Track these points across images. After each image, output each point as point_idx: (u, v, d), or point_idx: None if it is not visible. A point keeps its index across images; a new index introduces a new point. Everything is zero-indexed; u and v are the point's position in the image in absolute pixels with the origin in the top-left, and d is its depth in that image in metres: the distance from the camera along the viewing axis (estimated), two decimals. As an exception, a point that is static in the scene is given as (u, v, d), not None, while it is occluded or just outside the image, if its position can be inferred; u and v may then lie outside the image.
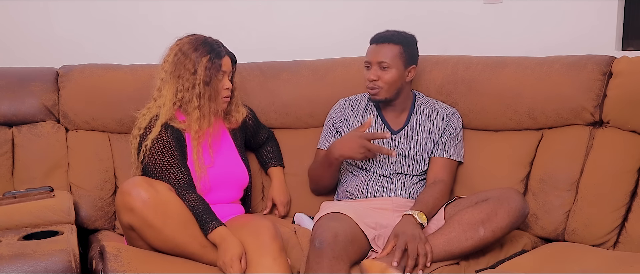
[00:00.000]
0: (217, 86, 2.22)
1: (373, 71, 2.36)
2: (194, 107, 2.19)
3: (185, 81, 2.19)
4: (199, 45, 2.22)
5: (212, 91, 2.20)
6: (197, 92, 2.19)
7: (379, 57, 2.35)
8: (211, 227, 2.06)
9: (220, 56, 2.22)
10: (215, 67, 2.20)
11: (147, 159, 2.17)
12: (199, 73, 2.18)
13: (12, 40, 2.88)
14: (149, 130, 2.19)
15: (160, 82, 2.24)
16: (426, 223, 2.16)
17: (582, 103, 2.32)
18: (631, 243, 2.15)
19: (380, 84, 2.36)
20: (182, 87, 2.19)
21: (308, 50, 2.87)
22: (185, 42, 2.23)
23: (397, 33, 2.39)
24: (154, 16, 3.00)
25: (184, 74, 2.19)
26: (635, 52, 2.45)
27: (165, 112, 2.20)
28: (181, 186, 2.14)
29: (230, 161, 2.35)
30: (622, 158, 2.22)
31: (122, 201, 2.04)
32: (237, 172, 2.35)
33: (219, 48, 2.24)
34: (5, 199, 2.20)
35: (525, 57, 2.48)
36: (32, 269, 1.87)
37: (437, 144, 2.42)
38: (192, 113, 2.20)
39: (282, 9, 3.13)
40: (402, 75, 2.37)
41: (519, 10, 2.80)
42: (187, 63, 2.19)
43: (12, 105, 2.50)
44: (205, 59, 2.19)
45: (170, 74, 2.21)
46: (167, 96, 2.21)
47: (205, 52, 2.20)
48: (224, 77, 2.24)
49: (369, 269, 2.02)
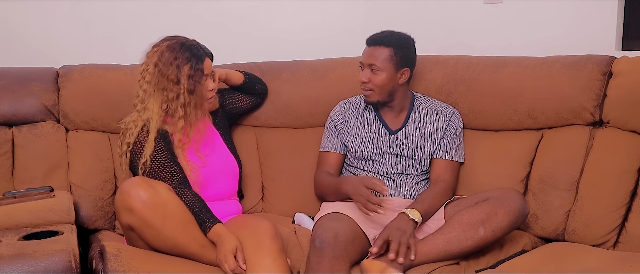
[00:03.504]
0: (201, 91, 2.21)
1: (364, 72, 2.36)
2: (179, 116, 2.18)
3: (169, 92, 2.17)
4: (178, 52, 2.17)
5: (197, 99, 2.19)
6: (182, 101, 2.17)
7: (369, 59, 2.34)
8: (209, 226, 2.07)
9: (201, 59, 2.19)
10: (198, 74, 2.18)
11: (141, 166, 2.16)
12: (182, 83, 2.16)
13: (13, 40, 2.89)
14: (140, 146, 2.17)
15: (142, 94, 2.21)
16: (420, 220, 2.16)
17: (582, 103, 2.32)
18: (631, 243, 2.15)
19: (370, 86, 2.36)
20: (167, 98, 2.17)
21: (308, 50, 2.87)
22: (164, 50, 2.19)
23: (391, 35, 2.37)
24: (154, 16, 3.00)
25: (167, 85, 2.16)
26: (635, 52, 2.45)
27: (154, 126, 2.17)
28: (176, 184, 2.14)
29: (220, 155, 2.36)
30: (622, 158, 2.22)
31: (121, 201, 2.04)
32: (228, 165, 2.36)
33: (199, 51, 2.20)
34: (5, 199, 2.21)
35: (525, 57, 2.48)
36: (32, 269, 1.87)
37: (439, 146, 2.42)
38: (178, 122, 2.18)
39: (282, 9, 3.13)
40: (392, 78, 2.36)
41: (519, 10, 2.80)
42: (169, 73, 2.16)
43: (12, 105, 2.50)
44: (186, 67, 2.16)
45: (154, 86, 2.18)
46: (154, 109, 2.18)
47: (185, 60, 2.16)
48: (206, 80, 2.23)
49: (369, 269, 2.03)
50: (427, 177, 2.44)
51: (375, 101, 2.39)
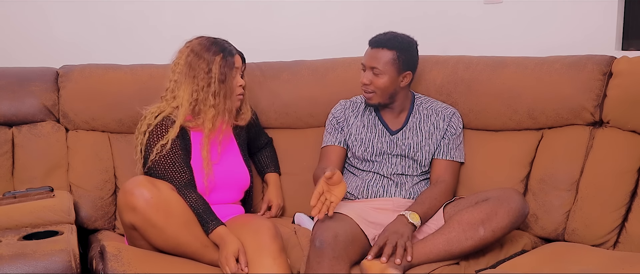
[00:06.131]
0: (231, 83, 2.24)
1: (366, 74, 2.35)
2: (209, 105, 2.20)
3: (200, 81, 2.20)
4: (211, 45, 2.24)
5: (227, 89, 2.22)
6: (213, 90, 2.20)
7: (372, 62, 2.33)
8: (211, 227, 2.07)
9: (232, 54, 2.25)
10: (229, 64, 2.22)
11: (154, 155, 2.17)
12: (213, 71, 2.20)
13: (13, 40, 2.89)
14: (163, 129, 2.19)
15: (172, 84, 2.24)
16: (419, 223, 2.16)
17: (582, 103, 2.32)
18: (631, 243, 2.15)
19: (372, 89, 2.35)
20: (198, 87, 2.20)
21: (308, 50, 2.87)
22: (196, 44, 2.25)
23: (394, 37, 2.35)
24: (154, 17, 3.00)
25: (199, 73, 2.20)
26: (635, 52, 2.45)
27: (183, 114, 2.20)
28: (183, 185, 2.15)
29: (234, 161, 2.35)
30: (622, 158, 2.22)
31: (124, 200, 2.05)
32: (239, 174, 2.35)
33: (230, 47, 2.27)
34: (5, 199, 2.21)
35: (525, 57, 2.48)
36: (32, 269, 1.87)
37: (439, 146, 2.42)
38: (208, 111, 2.21)
39: (282, 9, 3.13)
40: (394, 81, 2.35)
41: (519, 10, 2.80)
42: (200, 63, 2.21)
43: (12, 105, 2.50)
44: (218, 58, 2.21)
45: (185, 76, 2.22)
46: (184, 96, 2.21)
47: (217, 51, 2.22)
48: (237, 75, 2.27)
49: (369, 269, 2.03)
50: (427, 177, 2.44)
51: (376, 103, 2.39)
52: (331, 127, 2.49)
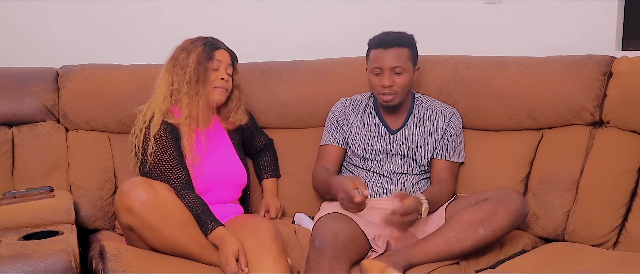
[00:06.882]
0: (206, 70, 2.24)
1: (387, 76, 2.32)
2: (184, 92, 2.23)
3: (178, 70, 2.24)
4: (197, 40, 2.28)
5: (200, 75, 2.23)
6: (188, 78, 2.22)
7: (392, 62, 2.31)
8: (210, 228, 2.07)
9: (214, 47, 2.27)
10: (206, 54, 2.25)
11: (149, 157, 2.17)
12: (191, 60, 2.24)
13: (13, 40, 2.89)
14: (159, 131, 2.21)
15: (159, 80, 2.29)
16: (426, 214, 2.16)
17: (582, 103, 2.32)
18: (631, 243, 2.15)
19: (395, 89, 2.34)
20: (176, 76, 2.24)
21: (308, 50, 2.87)
22: (188, 41, 2.29)
23: (401, 35, 2.37)
24: (154, 17, 3.00)
25: (178, 62, 2.25)
26: (635, 52, 2.45)
27: (162, 103, 2.23)
28: (180, 185, 2.14)
29: (227, 157, 2.35)
30: (622, 158, 2.22)
31: (121, 202, 2.05)
32: (234, 171, 2.35)
33: (217, 42, 2.29)
34: (5, 199, 2.21)
35: (525, 57, 2.48)
36: (32, 269, 1.87)
37: (438, 146, 2.42)
38: (182, 99, 2.23)
39: (282, 9, 3.13)
40: (412, 77, 2.38)
41: (519, 10, 2.80)
42: (182, 54, 2.26)
43: (12, 105, 2.50)
44: (199, 49, 2.25)
45: (165, 68, 2.28)
46: (163, 86, 2.25)
47: (200, 44, 2.26)
48: (218, 67, 2.27)
49: (369, 269, 2.02)
50: (426, 176, 2.44)
51: (396, 103, 2.38)
52: (331, 126, 2.50)
